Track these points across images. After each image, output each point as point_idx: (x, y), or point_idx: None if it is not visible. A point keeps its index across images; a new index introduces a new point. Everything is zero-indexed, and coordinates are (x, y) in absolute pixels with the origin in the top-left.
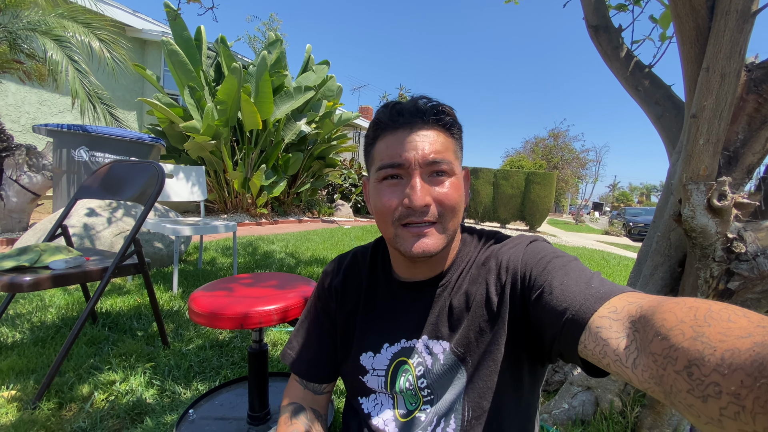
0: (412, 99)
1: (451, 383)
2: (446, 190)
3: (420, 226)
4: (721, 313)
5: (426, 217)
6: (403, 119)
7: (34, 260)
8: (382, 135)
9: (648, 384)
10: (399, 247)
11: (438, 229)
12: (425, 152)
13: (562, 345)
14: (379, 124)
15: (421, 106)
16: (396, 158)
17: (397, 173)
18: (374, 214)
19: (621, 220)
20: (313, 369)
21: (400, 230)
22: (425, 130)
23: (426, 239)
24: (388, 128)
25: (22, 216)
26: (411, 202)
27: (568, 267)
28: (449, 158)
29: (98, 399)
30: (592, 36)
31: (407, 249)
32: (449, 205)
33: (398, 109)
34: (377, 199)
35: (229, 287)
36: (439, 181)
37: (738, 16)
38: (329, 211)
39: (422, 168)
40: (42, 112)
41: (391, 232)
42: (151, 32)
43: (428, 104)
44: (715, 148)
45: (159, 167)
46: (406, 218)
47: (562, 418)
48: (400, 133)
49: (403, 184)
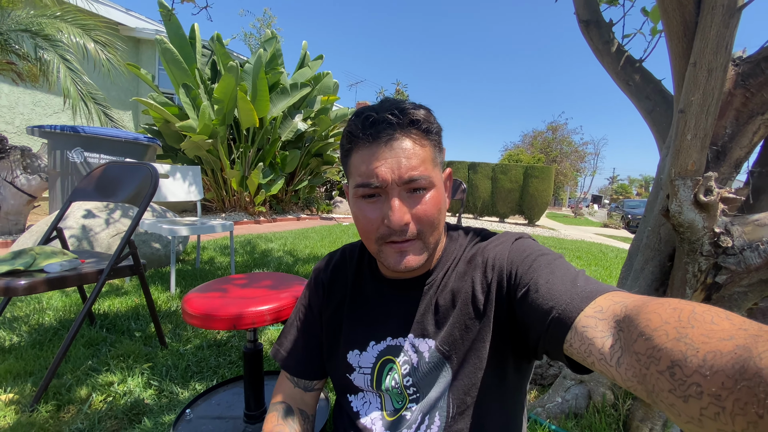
0: (384, 104)
1: (436, 381)
2: (425, 206)
3: (402, 243)
4: (705, 314)
5: (405, 236)
6: (376, 131)
7: (29, 264)
8: (356, 148)
9: (631, 382)
10: (384, 262)
11: (419, 246)
12: (402, 171)
13: (548, 343)
14: (352, 136)
15: (393, 116)
16: (372, 179)
17: (374, 192)
18: (357, 228)
19: (619, 212)
20: (301, 365)
21: (384, 247)
22: (400, 142)
23: (409, 256)
24: (361, 141)
25: (18, 218)
26: (390, 223)
27: (554, 265)
28: (427, 171)
29: (96, 400)
30: (583, 31)
31: (391, 265)
32: (428, 221)
33: (371, 121)
34: (358, 215)
35: (223, 288)
36: (417, 198)
37: (724, 11)
38: (328, 209)
39: (400, 186)
40: (36, 113)
41: (374, 248)
42: (144, 31)
43: (401, 112)
44: (703, 143)
45: (152, 168)
46: (388, 237)
47: (556, 412)
48: (374, 147)
49: (382, 201)
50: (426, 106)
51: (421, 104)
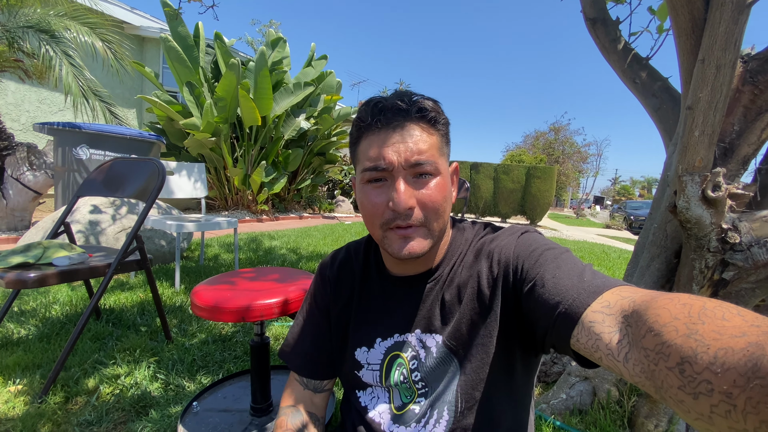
0: (394, 95)
1: (445, 375)
2: (430, 191)
3: (406, 229)
4: (716, 310)
5: (410, 221)
6: (385, 118)
7: (39, 257)
8: (365, 135)
9: (639, 378)
10: (387, 248)
11: (423, 233)
12: (408, 154)
13: (555, 338)
14: (361, 124)
15: (403, 103)
16: (379, 161)
17: (381, 176)
18: (362, 215)
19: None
20: (310, 365)
21: (388, 233)
22: (408, 129)
23: (413, 242)
24: (371, 128)
25: (24, 214)
26: (395, 206)
27: (560, 259)
28: (433, 158)
29: (104, 392)
30: (590, 29)
31: (395, 251)
32: (433, 207)
33: (380, 108)
34: (364, 201)
35: (231, 281)
36: (423, 183)
37: (733, 7)
38: (330, 207)
39: (406, 170)
40: (42, 111)
41: (379, 234)
42: (149, 29)
43: (410, 100)
44: (711, 140)
45: (159, 164)
46: (393, 222)
47: (560, 408)
48: (383, 133)
49: (388, 186)
50: (434, 99)
51: (430, 96)
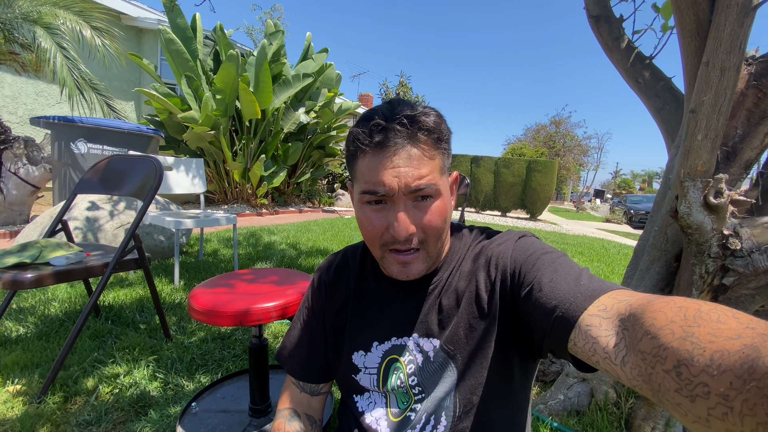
0: (394, 108)
1: (442, 380)
2: (430, 216)
3: (405, 254)
4: (711, 313)
5: (410, 245)
6: (384, 140)
7: (36, 256)
8: (362, 154)
9: (636, 381)
10: (385, 269)
11: (422, 257)
12: (409, 179)
13: (552, 342)
14: (359, 143)
15: (403, 125)
16: (378, 186)
17: (380, 200)
18: (361, 232)
19: (622, 207)
20: (306, 369)
21: (387, 254)
22: (409, 151)
23: (411, 266)
24: (369, 148)
25: (22, 208)
26: (395, 234)
27: (557, 264)
28: (434, 180)
29: (103, 392)
30: (593, 26)
31: (393, 274)
32: (432, 231)
33: (379, 128)
34: (363, 220)
35: (229, 284)
36: (423, 207)
37: (739, 9)
38: (330, 201)
39: (406, 195)
40: (39, 103)
41: (378, 254)
42: (147, 20)
43: (410, 121)
44: (714, 144)
45: (157, 162)
46: (392, 244)
47: (558, 409)
48: (382, 155)
49: (387, 208)
50: (436, 110)
51: (431, 108)
